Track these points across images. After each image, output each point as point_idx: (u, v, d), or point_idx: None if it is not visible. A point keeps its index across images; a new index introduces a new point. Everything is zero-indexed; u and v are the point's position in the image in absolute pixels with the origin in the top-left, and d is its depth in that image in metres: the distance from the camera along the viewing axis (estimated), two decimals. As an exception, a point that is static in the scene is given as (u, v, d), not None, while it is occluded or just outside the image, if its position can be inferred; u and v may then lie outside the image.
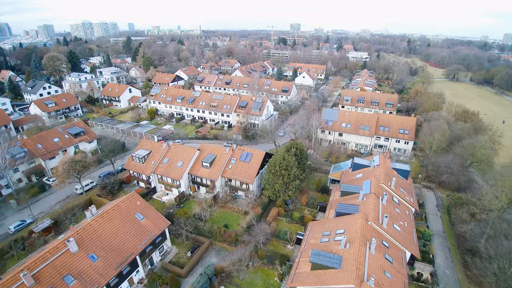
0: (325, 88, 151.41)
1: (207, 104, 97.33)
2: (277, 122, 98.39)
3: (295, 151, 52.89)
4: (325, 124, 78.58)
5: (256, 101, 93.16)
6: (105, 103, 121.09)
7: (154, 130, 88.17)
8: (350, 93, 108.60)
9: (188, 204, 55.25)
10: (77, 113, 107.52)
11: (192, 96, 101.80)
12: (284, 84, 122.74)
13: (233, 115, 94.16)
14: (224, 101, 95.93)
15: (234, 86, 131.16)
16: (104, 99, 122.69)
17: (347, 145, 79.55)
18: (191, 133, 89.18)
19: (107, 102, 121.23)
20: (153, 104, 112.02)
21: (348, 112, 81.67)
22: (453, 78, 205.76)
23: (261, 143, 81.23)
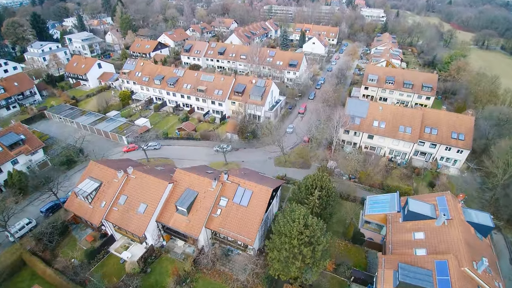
0: (339, 58, 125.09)
1: (193, 88, 74.33)
2: (284, 111, 76.69)
3: (319, 194, 33.35)
4: (351, 123, 57.52)
5: (256, 85, 70.23)
6: (72, 82, 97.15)
7: (124, 126, 67.06)
8: (376, 70, 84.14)
9: (159, 265, 37.54)
10: (35, 100, 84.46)
11: (174, 75, 77.98)
12: (291, 56, 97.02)
13: (227, 103, 72.13)
14: (215, 84, 72.86)
15: (229, 57, 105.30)
16: (70, 77, 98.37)
17: (378, 151, 59.48)
18: (172, 129, 68.27)
19: (74, 82, 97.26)
20: (127, 84, 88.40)
21: (382, 106, 59.81)
22: (483, 46, 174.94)
23: (264, 145, 60.86)
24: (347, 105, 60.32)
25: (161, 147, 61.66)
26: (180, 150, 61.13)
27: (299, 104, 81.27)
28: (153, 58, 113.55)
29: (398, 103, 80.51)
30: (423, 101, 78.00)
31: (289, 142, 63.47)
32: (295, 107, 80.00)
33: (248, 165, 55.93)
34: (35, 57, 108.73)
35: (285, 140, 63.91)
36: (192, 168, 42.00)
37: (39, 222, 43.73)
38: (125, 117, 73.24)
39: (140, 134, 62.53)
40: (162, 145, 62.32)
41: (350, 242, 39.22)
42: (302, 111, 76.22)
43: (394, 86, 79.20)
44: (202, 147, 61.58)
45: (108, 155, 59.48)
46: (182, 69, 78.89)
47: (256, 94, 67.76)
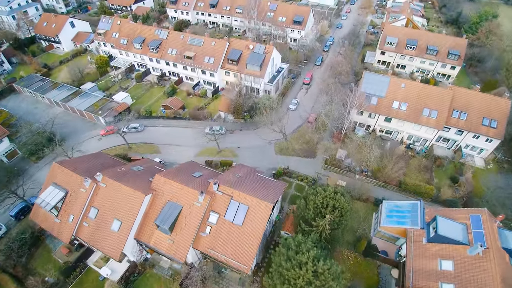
0: (350, 11, 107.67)
1: (179, 54, 62.55)
2: (287, 81, 66.22)
3: (331, 217, 26.83)
4: (367, 103, 48.47)
5: (254, 51, 58.60)
6: (44, 46, 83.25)
7: (101, 102, 57.48)
8: (395, 31, 70.43)
9: (143, 283, 33.03)
10: (4, 69, 72.60)
11: (157, 38, 65.11)
12: (296, 10, 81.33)
13: (220, 73, 61.41)
14: (205, 49, 60.92)
15: (222, 10, 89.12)
16: (41, 39, 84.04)
17: (394, 135, 51.61)
18: (157, 105, 58.98)
19: (47, 45, 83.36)
20: (104, 47, 75.43)
21: (405, 83, 49.95)
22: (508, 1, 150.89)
23: (263, 125, 52.69)
24: (362, 81, 50.36)
25: (144, 129, 53.47)
26: (166, 132, 52.98)
27: (304, 72, 70.16)
28: (134, 12, 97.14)
29: (417, 71, 69.77)
30: (447, 71, 67.06)
31: (292, 122, 54.90)
32: (299, 76, 69.08)
33: (245, 152, 48.72)
34: (3, 16, 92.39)
35: (288, 119, 55.47)
36: (176, 171, 34.79)
37: (11, 227, 38.49)
38: (103, 90, 63.14)
39: (119, 113, 53.90)
40: (145, 126, 53.95)
41: (360, 255, 34.45)
42: (308, 81, 65.75)
43: (415, 52, 67.26)
44: (192, 128, 53.32)
45: (84, 139, 51.60)
46: (165, 30, 65.60)
47: (254, 63, 56.78)
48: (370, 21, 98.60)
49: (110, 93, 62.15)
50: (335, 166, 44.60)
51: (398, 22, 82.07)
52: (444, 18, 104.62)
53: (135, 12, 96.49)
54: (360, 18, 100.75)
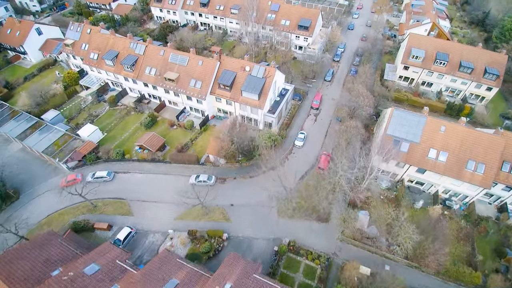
0: (362, 7, 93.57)
1: (159, 75, 50.96)
2: (292, 107, 54.70)
3: None
4: (395, 150, 37.76)
5: (252, 75, 46.94)
6: (11, 55, 70.34)
7: (63, 140, 46.46)
8: (423, 42, 57.04)
9: None
10: None
11: (132, 52, 52.97)
12: (302, 12, 67.42)
13: (210, 99, 50.21)
14: (191, 70, 48.92)
15: (214, 10, 75.89)
16: (6, 48, 71.38)
17: (426, 187, 41.31)
18: (132, 141, 48.11)
19: (12, 55, 70.75)
20: (73, 60, 63.29)
21: (446, 125, 38.92)
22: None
23: (262, 172, 42.28)
24: (389, 121, 39.40)
25: (114, 177, 42.99)
26: (141, 181, 42.43)
27: (311, 91, 58.50)
28: (114, 12, 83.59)
29: (446, 90, 58.28)
30: (482, 92, 55.54)
31: (298, 165, 44.25)
32: (306, 96, 57.58)
33: (239, 213, 38.25)
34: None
35: (292, 160, 45.10)
36: (143, 280, 24.91)
37: None
38: (69, 119, 51.97)
39: (83, 156, 43.36)
40: (116, 172, 43.64)
41: None
42: (317, 105, 54.34)
43: (446, 68, 55.49)
44: (174, 175, 42.97)
45: (41, 192, 41.29)
46: (142, 43, 53.34)
47: (251, 89, 45.36)
48: (386, 21, 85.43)
49: (77, 123, 50.93)
50: (355, 239, 34.67)
51: (422, 27, 69.36)
52: (469, 18, 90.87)
53: (114, 12, 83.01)
54: (374, 16, 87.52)
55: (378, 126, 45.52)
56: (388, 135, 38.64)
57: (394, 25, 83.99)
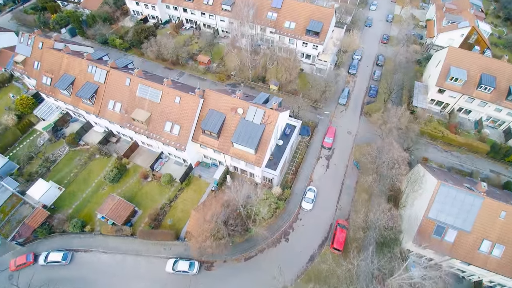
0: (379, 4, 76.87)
1: (125, 114, 38.53)
2: (297, 149, 42.74)
3: None
4: (437, 238, 27.07)
5: (246, 119, 34.24)
6: None
7: (10, 204, 34.49)
8: (464, 59, 43.39)
9: None
10: None
11: (91, 79, 39.18)
12: (311, 11, 51.65)
13: (193, 147, 38.64)
14: (165, 109, 35.66)
15: (202, 5, 59.99)
16: None
17: (467, 274, 31.33)
18: (96, 200, 36.15)
19: None
20: (28, 80, 49.86)
21: (507, 210, 27.05)
22: None
23: (260, 252, 32.35)
24: (433, 200, 28.37)
25: (72, 259, 32.90)
26: (106, 267, 31.97)
27: (322, 123, 46.21)
28: (83, 5, 67.77)
29: (487, 120, 46.20)
30: (536, 124, 43.98)
31: (307, 238, 33.86)
32: (316, 129, 45.22)
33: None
34: None
35: (298, 232, 34.58)
36: None
37: None
38: (20, 167, 40.54)
39: (34, 230, 33.00)
40: (75, 251, 33.33)
41: None
42: (329, 144, 42.39)
43: (492, 95, 42.83)
44: (148, 256, 32.83)
45: (-24, 283, 31.67)
46: (102, 67, 39.73)
47: (245, 140, 33.18)
48: (410, 16, 69.82)
49: (30, 174, 39.69)
50: None
51: (457, 32, 54.95)
52: (504, 12, 74.51)
53: (83, 6, 67.04)
54: (395, 8, 71.93)
55: (410, 185, 34.44)
56: (430, 219, 28.01)
57: (420, 20, 68.83)
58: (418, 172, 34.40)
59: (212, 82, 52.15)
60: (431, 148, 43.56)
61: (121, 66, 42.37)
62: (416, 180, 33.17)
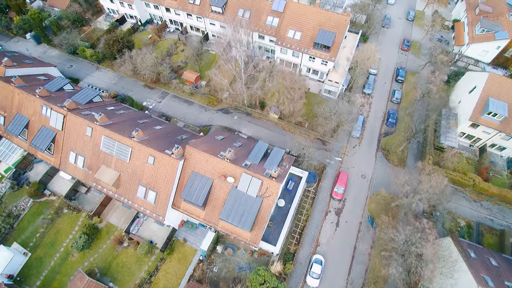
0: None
1: (88, 172, 29.95)
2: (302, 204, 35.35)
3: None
4: None
5: (239, 189, 26.00)
6: None
7: None
8: (505, 88, 34.60)
9: None
10: None
11: (47, 123, 30.18)
12: (320, 18, 40.93)
13: (174, 214, 30.90)
14: (137, 170, 27.66)
15: (188, 5, 48.07)
16: None
17: None
18: (66, 272, 29.50)
19: None
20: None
21: None
22: None
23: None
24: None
25: None
26: None
27: (332, 166, 38.19)
28: (50, 2, 56.30)
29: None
30: None
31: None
32: (324, 173, 37.05)
33: None
34: None
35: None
36: None
37: None
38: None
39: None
40: None
41: None
42: (340, 195, 34.82)
43: (547, 136, 34.98)
44: None
45: None
46: (59, 110, 29.47)
47: (237, 218, 25.25)
48: (434, 14, 58.40)
49: (-19, 238, 33.16)
50: None
51: (493, 43, 45.02)
52: None
53: (50, 4, 55.32)
54: (416, 2, 60.38)
55: (435, 260, 27.73)
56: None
57: (445, 19, 57.69)
58: (447, 248, 27.74)
59: (201, 107, 43.53)
60: (458, 196, 36.47)
61: (85, 101, 33.74)
62: (445, 259, 26.59)
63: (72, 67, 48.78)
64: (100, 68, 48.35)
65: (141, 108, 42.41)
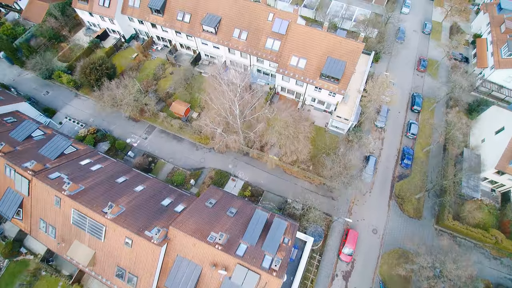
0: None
1: (62, 244, 24.99)
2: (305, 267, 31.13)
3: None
4: None
5: (232, 281, 21.93)
6: None
7: None
8: None
9: None
10: None
11: (12, 186, 25.68)
12: (329, 45, 35.06)
13: None
14: (114, 251, 22.98)
15: (176, 22, 41.77)
16: None
17: None
18: None
19: None
20: None
21: None
22: None
23: None
24: None
25: None
26: None
27: (338, 225, 33.07)
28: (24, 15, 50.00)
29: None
30: None
31: None
32: (331, 231, 32.40)
33: None
34: None
35: None
36: None
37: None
38: None
39: None
40: None
41: None
42: (349, 257, 30.64)
43: None
44: None
45: None
46: (23, 172, 24.51)
47: None
48: (452, 26, 51.99)
49: None
50: None
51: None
52: None
53: (25, 16, 48.50)
54: (432, 10, 53.97)
55: None
56: None
57: (466, 33, 51.32)
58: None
59: (191, 144, 38.64)
60: (477, 253, 32.55)
61: (55, 155, 28.81)
62: None
63: (48, 93, 43.40)
64: (79, 95, 42.97)
65: (124, 147, 37.55)
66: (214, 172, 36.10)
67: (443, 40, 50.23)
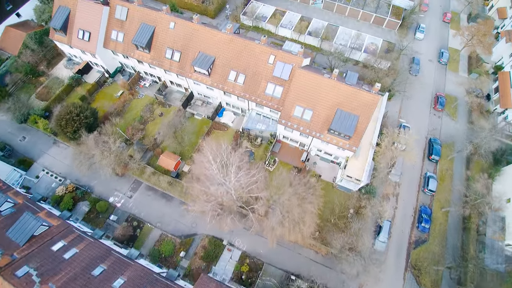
0: (428, 8, 52.00)
1: None
2: None
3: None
4: None
5: None
6: None
7: None
8: None
9: None
10: None
11: None
12: (339, 96, 30.15)
13: None
14: None
15: (164, 60, 36.75)
16: None
17: None
18: None
19: None
20: None
21: None
22: None
23: None
24: None
25: None
26: None
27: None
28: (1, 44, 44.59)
29: None
30: None
31: None
32: None
33: None
34: None
35: None
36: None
37: None
38: None
39: None
40: None
41: None
42: None
43: None
44: None
45: None
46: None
47: None
48: (470, 54, 46.89)
49: None
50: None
51: None
52: None
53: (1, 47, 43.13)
54: (449, 36, 48.85)
55: None
56: None
57: (486, 63, 46.25)
58: None
59: (182, 204, 34.29)
60: None
61: (24, 239, 24.42)
62: None
63: (25, 139, 38.63)
64: (58, 142, 38.30)
65: (107, 209, 33.17)
66: (207, 239, 31.82)
67: (461, 72, 45.35)
